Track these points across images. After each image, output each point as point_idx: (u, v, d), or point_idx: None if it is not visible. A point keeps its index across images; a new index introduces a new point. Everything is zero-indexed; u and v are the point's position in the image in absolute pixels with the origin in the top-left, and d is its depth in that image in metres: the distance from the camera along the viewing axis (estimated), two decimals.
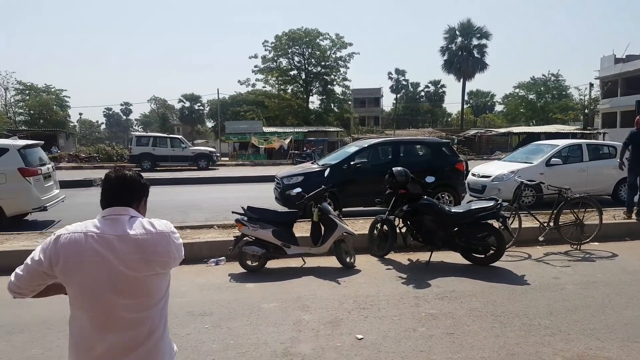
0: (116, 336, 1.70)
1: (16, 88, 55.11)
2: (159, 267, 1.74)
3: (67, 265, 1.66)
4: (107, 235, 1.70)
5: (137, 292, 1.71)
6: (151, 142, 24.62)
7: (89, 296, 1.69)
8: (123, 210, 1.79)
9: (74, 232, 1.71)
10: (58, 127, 48.32)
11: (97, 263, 1.67)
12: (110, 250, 1.68)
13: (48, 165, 9.64)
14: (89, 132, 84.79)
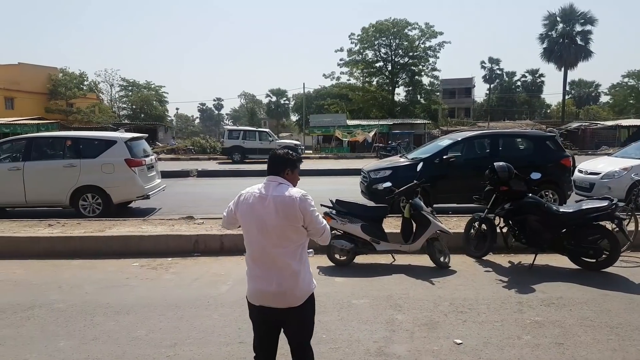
0: (264, 266, 2.55)
1: (120, 84, 60.54)
2: (287, 220, 2.49)
3: (240, 212, 2.60)
4: (262, 194, 2.55)
5: (276, 236, 2.50)
6: (241, 136, 25.72)
7: (248, 234, 2.59)
8: (274, 178, 2.61)
9: (247, 192, 2.62)
10: (157, 121, 52.36)
11: (252, 212, 2.54)
12: (261, 204, 2.52)
13: (151, 156, 10.39)
14: (184, 125, 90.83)
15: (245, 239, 2.63)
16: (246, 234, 2.61)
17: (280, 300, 2.53)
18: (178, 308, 4.63)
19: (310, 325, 2.72)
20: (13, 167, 9.03)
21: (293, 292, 2.53)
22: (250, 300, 2.64)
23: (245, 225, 2.60)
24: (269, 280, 2.52)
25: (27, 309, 4.63)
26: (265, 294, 2.54)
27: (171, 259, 6.30)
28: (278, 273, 2.52)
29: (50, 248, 6.59)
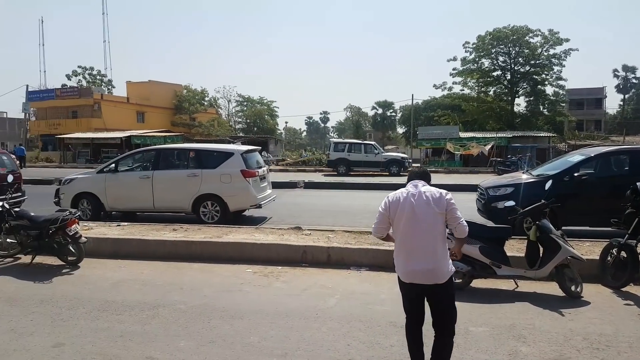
0: (415, 250, 3.23)
1: (237, 100, 65.27)
2: (438, 208, 3.23)
3: (392, 209, 3.31)
4: (413, 192, 3.31)
5: (426, 223, 3.20)
6: (347, 148, 26.07)
7: (401, 225, 3.28)
8: (418, 181, 3.42)
9: (394, 195, 3.36)
10: (269, 134, 55.29)
11: (405, 207, 3.25)
12: (414, 199, 3.26)
13: (263, 167, 10.96)
14: (292, 138, 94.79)
15: (397, 230, 3.32)
16: (398, 226, 3.30)
17: (429, 277, 3.20)
18: (288, 317, 4.75)
19: (452, 304, 3.34)
20: (144, 175, 10.12)
21: (439, 271, 3.21)
22: (402, 279, 3.34)
23: (398, 219, 3.28)
24: (419, 261, 3.21)
25: (153, 307, 5.09)
26: (417, 272, 3.22)
27: (281, 268, 6.52)
28: (427, 255, 3.20)
29: (173, 251, 7.23)
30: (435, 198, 3.24)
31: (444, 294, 3.26)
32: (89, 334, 4.40)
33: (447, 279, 3.24)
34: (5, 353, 4.00)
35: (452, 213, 3.26)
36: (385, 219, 3.36)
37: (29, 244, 6.83)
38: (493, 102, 46.24)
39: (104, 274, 6.39)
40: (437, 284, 3.20)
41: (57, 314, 4.89)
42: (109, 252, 7.33)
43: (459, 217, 3.30)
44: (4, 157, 12.30)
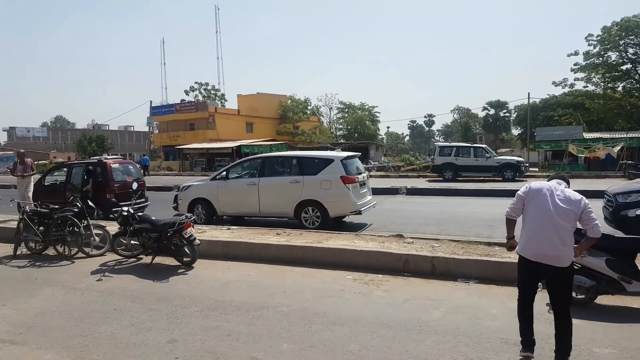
0: (548, 237, 3.72)
1: (338, 107, 66.43)
2: (574, 207, 3.71)
3: (530, 195, 3.89)
4: (555, 187, 3.87)
5: (560, 217, 3.70)
6: (454, 152, 25.07)
7: (535, 213, 3.82)
8: (559, 181, 3.99)
9: (536, 185, 3.93)
10: (369, 139, 55.39)
11: (546, 199, 3.79)
12: (556, 194, 3.80)
13: (363, 174, 10.97)
14: (394, 143, 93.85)
15: (530, 216, 3.86)
16: (532, 213, 3.85)
17: (555, 260, 3.71)
18: (389, 328, 4.66)
19: (570, 287, 3.89)
20: (251, 182, 10.68)
21: (564, 257, 3.72)
22: (528, 257, 3.83)
23: (534, 206, 3.84)
24: (549, 246, 3.72)
25: (258, 309, 5.32)
26: (546, 254, 3.73)
27: (382, 276, 6.44)
28: (556, 243, 3.69)
29: (277, 254, 7.51)
30: (574, 200, 3.73)
31: (564, 277, 3.76)
32: (200, 331, 4.71)
33: (568, 264, 3.75)
34: (126, 346, 4.43)
35: (587, 215, 3.70)
36: (521, 203, 3.94)
37: (150, 245, 7.54)
38: (622, 99, 41.44)
39: (215, 275, 6.83)
40: (560, 267, 3.71)
41: (172, 312, 5.32)
42: (220, 253, 7.83)
43: (594, 219, 3.74)
44: (130, 167, 13.78)
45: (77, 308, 5.52)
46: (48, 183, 13.16)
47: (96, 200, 9.50)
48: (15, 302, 5.81)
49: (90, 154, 45.19)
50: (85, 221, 8.26)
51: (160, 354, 4.23)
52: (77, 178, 12.43)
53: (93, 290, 6.25)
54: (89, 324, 4.98)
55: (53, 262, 7.91)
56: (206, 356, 4.15)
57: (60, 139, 75.94)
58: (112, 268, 7.42)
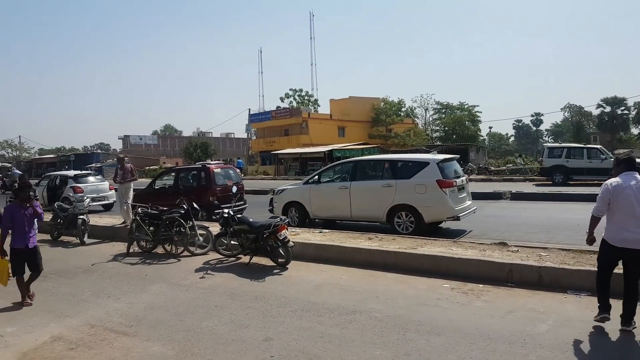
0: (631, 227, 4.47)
1: (434, 108, 64.63)
2: None
3: (614, 193, 4.56)
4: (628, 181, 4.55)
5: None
6: (565, 154, 23.21)
7: (623, 207, 4.50)
8: (633, 172, 4.63)
9: (614, 182, 4.62)
10: (469, 141, 53.19)
11: (630, 192, 4.48)
12: (630, 186, 4.51)
13: (462, 177, 10.56)
14: (497, 145, 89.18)
15: (616, 209, 4.54)
16: (619, 207, 4.51)
17: None
18: (490, 340, 4.44)
19: None
20: (342, 186, 10.78)
21: None
22: (614, 244, 4.58)
23: (621, 201, 4.50)
24: (633, 233, 4.44)
25: (350, 312, 5.34)
26: (630, 240, 4.45)
27: (482, 286, 6.15)
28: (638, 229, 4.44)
29: (369, 259, 7.49)
30: None
31: None
32: (294, 331, 4.85)
33: None
34: (225, 342, 4.69)
35: None
36: (606, 202, 4.56)
37: (248, 246, 7.93)
38: None
39: (308, 277, 7.00)
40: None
41: (268, 310, 5.54)
42: (312, 256, 8.00)
43: None
44: (231, 171, 14.61)
45: (182, 304, 5.96)
46: (158, 186, 14.37)
47: (200, 203, 10.17)
48: (128, 296, 6.41)
49: (195, 159, 48.59)
50: (190, 222, 8.91)
51: (257, 351, 4.42)
52: (183, 182, 13.46)
53: (196, 287, 6.71)
54: (192, 319, 5.35)
55: (161, 259, 8.62)
56: (300, 356, 4.26)
57: (169, 146, 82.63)
58: (213, 266, 7.90)
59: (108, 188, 18.14)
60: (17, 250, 6.18)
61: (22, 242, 6.19)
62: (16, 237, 6.19)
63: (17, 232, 6.19)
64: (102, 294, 6.44)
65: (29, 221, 6.25)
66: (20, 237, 6.19)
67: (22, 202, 6.26)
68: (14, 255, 6.19)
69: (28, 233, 6.23)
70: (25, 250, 6.21)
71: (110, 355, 4.49)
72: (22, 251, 6.20)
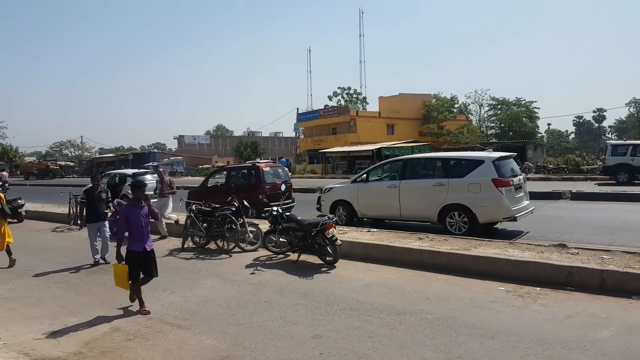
0: None
1: (489, 104, 62.72)
2: None
3: None
4: None
5: None
6: (629, 152, 21.92)
7: None
8: None
9: None
10: (526, 138, 51.26)
11: None
12: None
13: (519, 176, 10.19)
14: (556, 142, 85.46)
15: None
16: None
17: None
18: (547, 344, 4.28)
19: None
20: (391, 184, 10.66)
21: None
22: None
23: None
24: None
25: (400, 313, 5.29)
26: None
27: (539, 289, 5.92)
28: None
29: (419, 260, 7.38)
30: None
31: None
32: (342, 330, 4.86)
33: None
34: (275, 337, 4.77)
35: None
36: None
37: (296, 243, 8.02)
38: None
39: (356, 276, 6.99)
40: None
41: (317, 308, 5.58)
42: (360, 255, 7.98)
43: None
44: (280, 170, 14.83)
45: (234, 298, 6.12)
46: (210, 184, 14.80)
47: (250, 200, 10.38)
48: (183, 290, 6.65)
49: (245, 158, 49.64)
50: (241, 219, 9.12)
51: (306, 348, 4.46)
52: (234, 180, 13.79)
53: (247, 282, 6.87)
54: (243, 314, 5.48)
55: (214, 255, 8.88)
56: (349, 355, 4.27)
57: (221, 145, 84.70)
58: (263, 263, 8.06)
59: None
60: (135, 253, 5.83)
61: (140, 245, 5.84)
62: (133, 239, 5.85)
63: (134, 234, 5.84)
64: (158, 288, 6.70)
65: (145, 221, 5.93)
66: (137, 239, 5.85)
67: (137, 201, 5.94)
68: (130, 258, 5.82)
69: (145, 234, 5.91)
70: (143, 252, 5.86)
71: (166, 346, 4.67)
72: (139, 254, 5.84)
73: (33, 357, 4.55)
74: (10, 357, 4.50)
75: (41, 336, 5.08)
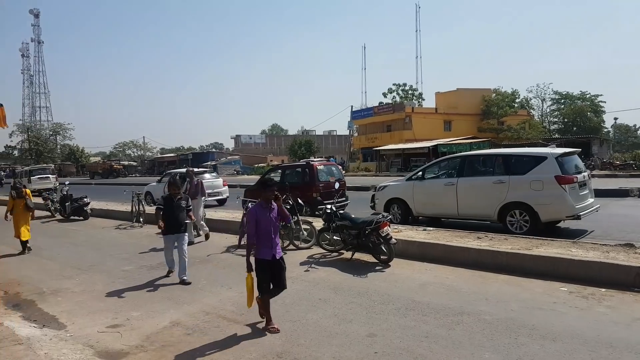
0: None
1: (552, 98, 59.87)
2: None
3: None
4: None
5: None
6: None
7: None
8: None
9: None
10: (591, 133, 48.56)
11: None
12: None
13: (584, 173, 9.68)
14: (624, 137, 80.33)
15: None
16: None
17: None
18: (613, 348, 4.06)
19: None
20: (448, 182, 10.43)
21: None
22: None
23: None
24: None
25: (457, 314, 5.18)
26: None
27: (605, 290, 5.61)
28: None
29: (478, 259, 7.18)
30: None
31: None
32: (398, 329, 4.83)
33: None
34: (329, 334, 4.81)
35: None
36: None
37: (350, 241, 8.02)
38: None
39: (411, 275, 6.91)
40: None
41: (371, 307, 5.57)
42: (416, 254, 7.87)
43: None
44: (333, 168, 14.89)
45: (288, 295, 6.20)
46: None
47: (304, 199, 10.49)
48: (239, 286, 6.77)
49: (299, 157, 50.22)
50: (295, 217, 9.25)
51: (361, 346, 4.47)
52: (289, 178, 14.00)
53: (301, 279, 6.96)
54: (298, 311, 5.56)
55: None
56: (404, 354, 4.23)
57: (276, 144, 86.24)
58: (317, 260, 8.13)
59: (222, 184, 19.40)
60: (264, 262, 5.03)
61: (269, 252, 5.04)
62: (261, 245, 5.05)
63: (262, 239, 5.04)
64: (216, 283, 6.93)
65: (274, 225, 5.12)
66: (266, 245, 5.04)
67: (267, 201, 5.08)
68: (260, 268, 5.06)
69: (274, 239, 5.10)
70: (273, 261, 5.05)
71: (223, 341, 4.83)
72: (269, 263, 5.04)
73: (97, 349, 4.81)
74: (77, 349, 4.80)
75: (105, 329, 5.36)
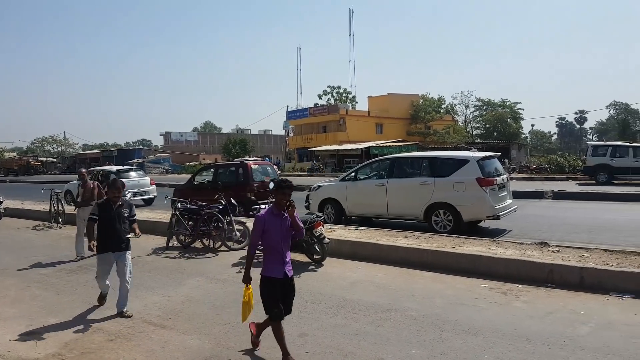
0: None
1: (475, 104, 63.23)
2: None
3: None
4: None
5: None
6: (609, 152, 22.32)
7: None
8: None
9: None
10: (511, 138, 51.76)
11: None
12: None
13: (503, 175, 10.29)
14: (539, 143, 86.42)
15: None
16: None
17: None
18: (528, 341, 4.33)
19: None
20: (379, 183, 10.70)
21: None
22: None
23: None
24: None
25: (385, 311, 5.30)
26: None
27: (521, 286, 5.98)
28: None
29: (405, 257, 7.41)
30: None
31: None
32: (329, 328, 4.85)
33: None
34: (262, 336, 4.71)
35: None
36: None
37: None
38: None
39: (343, 273, 6.99)
40: None
41: (303, 306, 5.55)
42: (348, 253, 7.99)
43: None
44: (268, 168, 14.79)
45: (219, 298, 6.07)
46: (197, 182, 14.69)
47: (238, 199, 10.31)
48: (166, 289, 6.57)
49: (234, 156, 49.38)
50: (228, 217, 9.06)
51: (292, 346, 4.42)
52: (222, 178, 13.70)
53: (233, 281, 6.81)
54: (229, 313, 5.43)
55: (199, 254, 8.80)
56: (334, 353, 4.26)
57: (209, 143, 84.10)
58: None
59: (149, 183, 18.65)
60: (273, 280, 4.11)
61: (281, 269, 4.14)
62: (270, 260, 4.16)
63: (271, 253, 4.16)
64: (141, 287, 6.62)
65: (286, 236, 4.20)
66: (276, 260, 4.15)
67: (279, 207, 4.17)
68: (267, 287, 4.13)
69: (285, 254, 4.20)
70: (283, 280, 4.16)
71: (148, 347, 4.60)
72: (279, 282, 4.14)
73: (9, 359, 4.43)
74: None
75: (18, 337, 4.95)
